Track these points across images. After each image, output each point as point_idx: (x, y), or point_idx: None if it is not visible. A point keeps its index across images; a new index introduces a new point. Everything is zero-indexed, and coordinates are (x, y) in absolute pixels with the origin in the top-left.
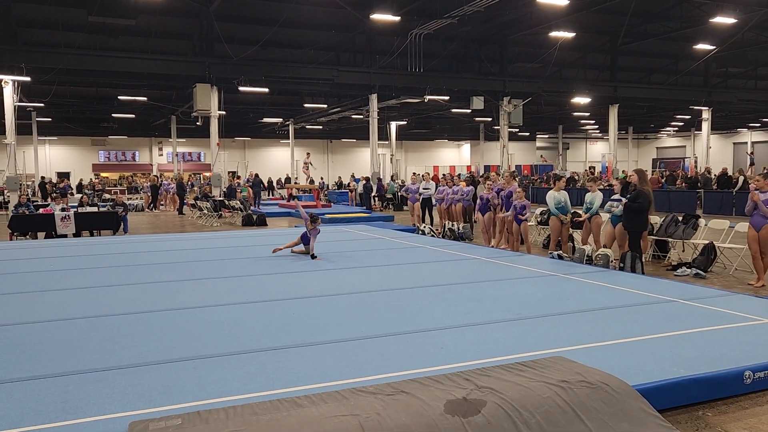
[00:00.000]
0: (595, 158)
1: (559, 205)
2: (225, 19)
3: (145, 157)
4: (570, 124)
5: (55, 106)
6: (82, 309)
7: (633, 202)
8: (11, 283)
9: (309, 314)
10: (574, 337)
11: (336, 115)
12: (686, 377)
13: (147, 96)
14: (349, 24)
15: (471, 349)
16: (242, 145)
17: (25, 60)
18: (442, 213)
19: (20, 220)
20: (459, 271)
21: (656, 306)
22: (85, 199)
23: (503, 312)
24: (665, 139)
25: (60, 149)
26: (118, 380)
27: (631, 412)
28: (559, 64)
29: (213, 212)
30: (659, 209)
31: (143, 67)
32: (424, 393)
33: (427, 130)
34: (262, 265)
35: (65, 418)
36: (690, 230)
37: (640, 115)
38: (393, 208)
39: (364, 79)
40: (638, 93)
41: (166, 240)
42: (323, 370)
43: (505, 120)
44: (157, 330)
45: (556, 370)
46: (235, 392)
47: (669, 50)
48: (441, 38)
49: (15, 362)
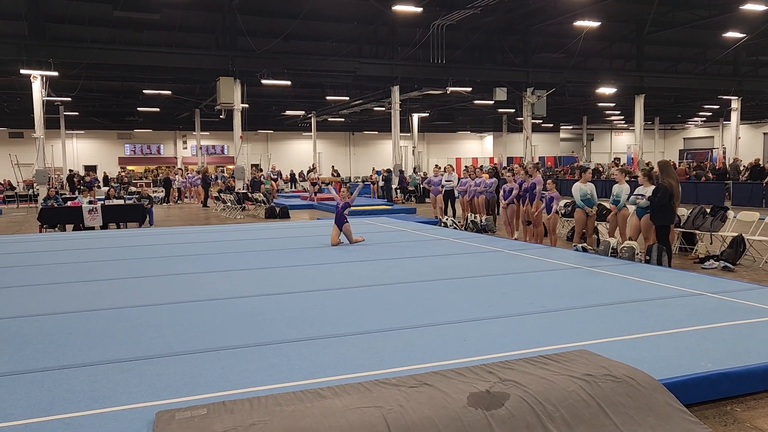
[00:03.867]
0: (620, 149)
1: (585, 197)
2: (247, 13)
3: (170, 151)
4: (595, 114)
5: (82, 100)
6: (109, 300)
7: (654, 196)
8: (42, 274)
9: (332, 306)
10: (599, 330)
11: (358, 107)
12: (715, 372)
13: (171, 90)
14: (370, 15)
15: (494, 342)
16: (265, 138)
17: (52, 55)
18: (465, 205)
19: (49, 212)
20: (482, 263)
21: (683, 299)
22: (112, 192)
23: (527, 305)
24: (692, 129)
25: (87, 143)
26: (144, 370)
27: (657, 407)
28: (584, 54)
29: (236, 205)
30: (686, 201)
31: (167, 61)
32: (447, 385)
33: (450, 122)
34: (285, 257)
35: (94, 407)
36: (718, 222)
37: (666, 105)
38: (415, 200)
39: (386, 71)
40: (665, 83)
41: (191, 232)
42: (346, 361)
43: (528, 111)
44: (183, 321)
45: (581, 363)
46: (259, 383)
47: (697, 39)
48: (464, 29)
49: (45, 352)
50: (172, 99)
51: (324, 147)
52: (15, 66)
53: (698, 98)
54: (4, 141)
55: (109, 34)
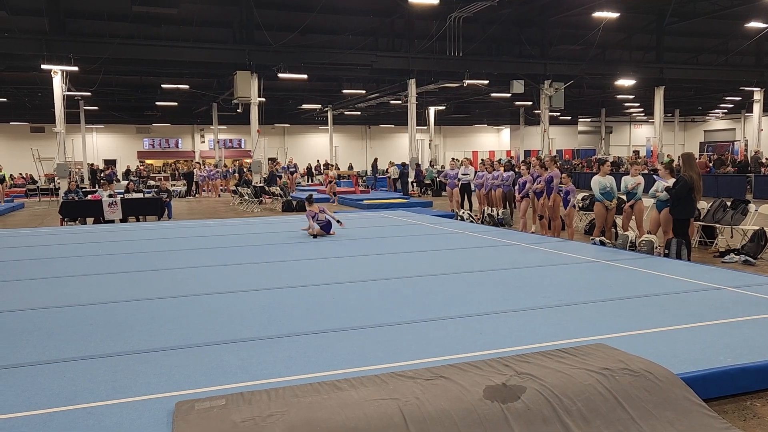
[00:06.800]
0: (639, 142)
1: (605, 191)
2: (264, 6)
3: (188, 145)
4: (613, 107)
5: (102, 95)
6: (129, 292)
7: (674, 188)
8: (64, 267)
9: (348, 299)
10: (616, 324)
11: (374, 100)
12: (734, 366)
13: (189, 84)
14: (387, 8)
15: (510, 336)
16: (281, 131)
17: (73, 50)
18: (482, 198)
19: (70, 206)
20: (498, 256)
21: (702, 293)
22: (131, 186)
23: (544, 298)
24: (713, 121)
25: (106, 137)
26: (164, 361)
27: (675, 401)
28: (603, 46)
29: (253, 198)
30: (706, 194)
31: (185, 55)
32: (463, 378)
33: (466, 114)
34: (302, 250)
35: (115, 397)
36: (739, 216)
37: (687, 97)
38: (431, 193)
39: (403, 64)
40: (685, 74)
41: (209, 225)
42: (362, 354)
43: (545, 104)
44: (201, 313)
45: (598, 357)
46: (276, 374)
47: (718, 29)
48: (480, 21)
49: (68, 342)
50: (190, 93)
51: (340, 140)
52: (36, 61)
53: (719, 90)
54: (26, 135)
55: (127, 29)
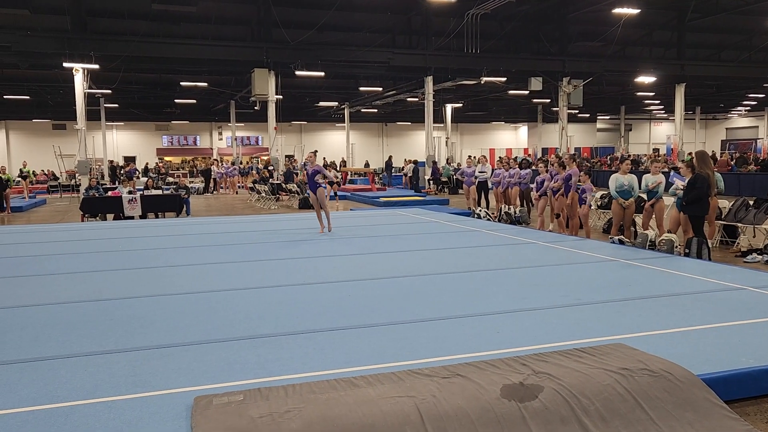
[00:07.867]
0: (659, 140)
1: (622, 189)
2: (282, 4)
3: (206, 142)
4: (633, 104)
5: (122, 92)
6: (148, 287)
7: (691, 186)
8: (84, 262)
9: (365, 296)
10: (636, 324)
11: (391, 98)
12: (756, 367)
13: (207, 81)
14: (404, 5)
15: (528, 334)
16: (298, 129)
17: (93, 48)
18: (499, 197)
19: (91, 202)
20: (516, 255)
21: (724, 293)
22: (150, 183)
23: (562, 297)
24: (736, 119)
25: (126, 134)
26: (183, 356)
27: (695, 402)
28: (623, 42)
29: (271, 195)
30: (728, 193)
31: (204, 53)
32: (480, 377)
33: (483, 112)
34: (319, 247)
35: (135, 391)
36: (762, 215)
37: (708, 94)
38: (448, 191)
39: (420, 61)
40: (707, 71)
41: (227, 222)
42: (379, 351)
43: (564, 101)
44: (219, 309)
45: (617, 357)
46: (293, 371)
47: (741, 25)
48: (498, 18)
49: (88, 337)
50: (208, 91)
51: (357, 138)
52: (58, 59)
53: (742, 87)
54: (48, 133)
55: (147, 27)
